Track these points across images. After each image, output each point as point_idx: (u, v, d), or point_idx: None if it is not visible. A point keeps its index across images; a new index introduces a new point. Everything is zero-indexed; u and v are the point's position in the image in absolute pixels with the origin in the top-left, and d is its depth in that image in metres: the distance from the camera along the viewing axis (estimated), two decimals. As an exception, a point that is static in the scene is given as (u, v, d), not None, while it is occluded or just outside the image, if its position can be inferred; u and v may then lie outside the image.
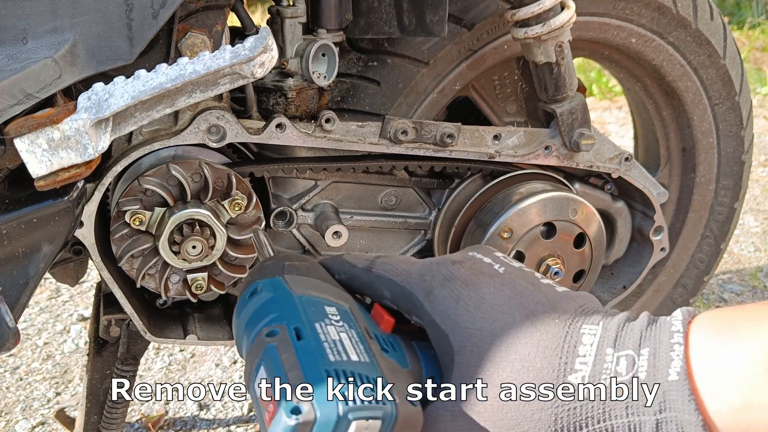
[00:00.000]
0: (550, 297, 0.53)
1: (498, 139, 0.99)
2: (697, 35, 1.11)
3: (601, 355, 0.48)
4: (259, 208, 0.91)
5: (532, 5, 0.90)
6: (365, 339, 0.52)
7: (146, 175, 0.85)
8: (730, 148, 1.21)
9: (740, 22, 4.39)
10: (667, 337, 0.47)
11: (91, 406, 1.04)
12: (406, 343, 0.56)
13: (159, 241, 0.86)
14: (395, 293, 0.56)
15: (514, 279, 0.55)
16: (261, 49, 0.72)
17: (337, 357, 0.48)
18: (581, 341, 0.49)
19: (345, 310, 0.55)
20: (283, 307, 0.52)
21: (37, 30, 0.70)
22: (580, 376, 0.48)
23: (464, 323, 0.52)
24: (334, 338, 0.50)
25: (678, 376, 0.45)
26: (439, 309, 0.53)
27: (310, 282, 0.57)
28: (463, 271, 0.55)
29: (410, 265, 0.58)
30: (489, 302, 0.52)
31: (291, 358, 0.47)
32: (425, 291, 0.55)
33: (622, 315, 0.51)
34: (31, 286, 0.77)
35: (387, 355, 0.52)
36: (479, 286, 0.54)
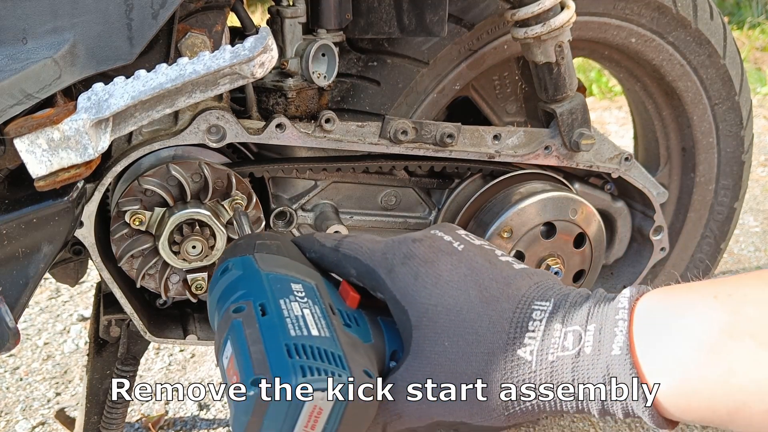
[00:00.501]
0: (505, 274, 0.55)
1: (498, 139, 0.99)
2: (697, 35, 1.11)
3: (550, 330, 0.50)
4: (259, 208, 0.91)
5: (531, 5, 0.90)
6: (328, 315, 0.55)
7: (146, 175, 0.85)
8: (730, 147, 1.21)
9: (740, 21, 4.39)
10: (612, 314, 0.49)
11: (91, 406, 1.04)
12: (371, 318, 0.58)
13: (159, 241, 0.86)
14: (360, 271, 0.59)
15: (471, 256, 0.57)
16: (261, 49, 0.72)
17: (298, 332, 0.51)
18: (531, 317, 0.51)
19: (311, 286, 0.57)
20: (251, 285, 0.56)
21: (36, 30, 0.70)
22: (528, 350, 0.50)
23: (422, 299, 0.54)
24: (297, 314, 0.53)
25: (620, 350, 0.47)
26: (399, 286, 0.55)
27: (279, 260, 0.60)
28: (422, 249, 0.57)
29: (374, 243, 0.60)
30: (445, 279, 0.55)
31: (254, 333, 0.50)
32: (387, 268, 0.57)
33: (574, 292, 0.53)
34: (31, 287, 0.77)
35: (349, 330, 0.55)
36: (437, 264, 0.56)
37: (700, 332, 0.45)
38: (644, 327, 0.48)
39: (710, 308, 0.46)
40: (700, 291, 0.48)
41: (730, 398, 0.44)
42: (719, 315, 0.45)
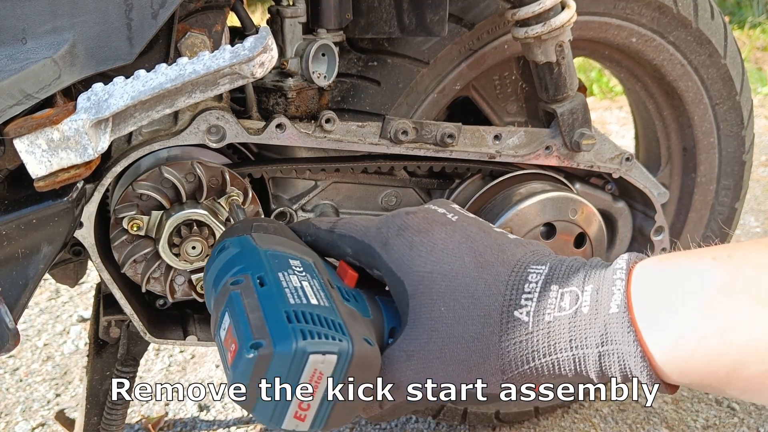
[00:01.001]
0: (500, 242, 0.55)
1: (498, 139, 0.99)
2: (697, 35, 1.11)
3: (546, 291, 0.50)
4: (257, 202, 0.91)
5: (532, 5, 0.90)
6: (327, 288, 0.54)
7: (140, 179, 0.85)
8: (731, 147, 1.21)
9: (741, 21, 4.39)
10: (610, 274, 0.49)
11: (90, 407, 1.04)
12: (370, 297, 0.58)
13: (159, 244, 0.86)
14: (355, 249, 0.59)
15: (465, 226, 0.57)
16: (261, 49, 0.72)
17: (297, 300, 0.50)
18: (527, 279, 0.51)
19: (309, 263, 0.57)
20: (249, 260, 0.55)
21: (36, 30, 0.70)
22: (525, 311, 0.50)
23: (417, 268, 0.54)
24: (295, 285, 0.52)
25: (618, 308, 0.47)
26: (394, 257, 0.55)
27: (277, 239, 0.59)
28: (416, 220, 0.57)
29: (369, 221, 0.60)
30: (440, 247, 0.55)
31: (253, 302, 0.50)
32: (382, 242, 0.57)
33: (571, 258, 0.53)
34: (31, 287, 0.77)
35: (348, 304, 0.55)
36: (431, 233, 0.56)
37: (698, 291, 0.45)
38: (642, 287, 0.48)
39: (708, 268, 0.45)
40: (699, 253, 0.47)
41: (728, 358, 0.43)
42: (717, 274, 0.45)
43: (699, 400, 1.41)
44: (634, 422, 1.35)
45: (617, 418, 1.36)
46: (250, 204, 0.90)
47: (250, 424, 1.37)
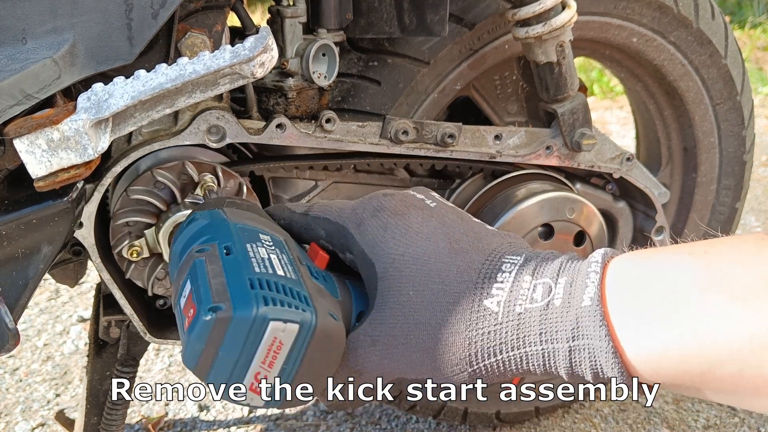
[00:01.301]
0: (476, 230, 0.54)
1: (499, 139, 0.99)
2: (698, 35, 1.11)
3: (519, 282, 0.48)
4: (253, 194, 0.90)
5: (533, 5, 0.90)
6: (295, 264, 0.52)
7: (133, 185, 0.85)
8: (732, 147, 1.21)
9: (741, 21, 4.39)
10: (585, 267, 0.48)
11: (90, 407, 1.04)
12: (339, 280, 0.56)
13: (165, 257, 0.87)
14: (329, 230, 0.57)
15: (443, 212, 0.55)
16: (261, 49, 0.72)
17: (263, 269, 0.48)
18: (501, 269, 0.49)
19: (279, 240, 0.55)
20: (217, 231, 0.53)
21: (36, 30, 0.70)
22: (495, 301, 0.48)
23: (389, 250, 0.52)
24: (263, 256, 0.50)
25: (591, 302, 0.45)
26: (367, 238, 0.54)
27: (249, 215, 0.57)
28: (393, 202, 0.56)
29: (345, 203, 0.59)
30: (415, 230, 0.53)
31: (217, 269, 0.48)
32: (356, 222, 0.55)
33: (548, 251, 0.52)
34: (31, 287, 0.77)
35: (317, 282, 0.53)
36: (407, 216, 0.54)
37: (673, 286, 0.43)
38: (617, 281, 0.46)
39: (685, 263, 0.44)
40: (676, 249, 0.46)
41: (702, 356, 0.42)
42: (693, 270, 0.43)
43: (700, 400, 1.41)
44: (635, 422, 1.35)
45: (618, 418, 1.36)
46: (247, 198, 0.89)
47: (251, 425, 1.37)
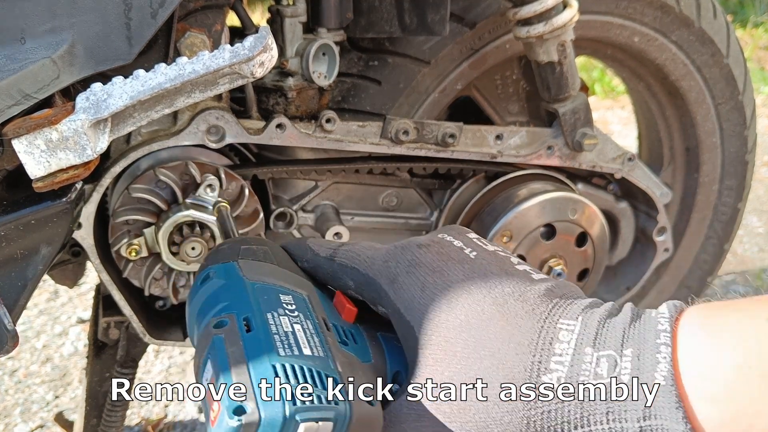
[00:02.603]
0: (524, 287, 0.48)
1: (500, 139, 0.98)
2: (700, 34, 1.11)
3: (580, 354, 0.44)
4: (254, 197, 0.90)
5: (534, 4, 0.90)
6: (321, 331, 0.48)
7: (135, 183, 0.85)
8: (734, 147, 1.21)
9: (743, 20, 4.38)
10: (652, 337, 0.43)
11: (90, 409, 1.04)
12: (370, 334, 0.52)
13: (163, 257, 0.87)
14: (359, 282, 0.53)
15: (485, 265, 0.50)
16: (261, 49, 0.72)
17: (288, 351, 0.44)
18: (558, 338, 0.45)
19: (302, 298, 0.51)
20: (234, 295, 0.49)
21: (35, 30, 0.70)
22: (555, 377, 0.44)
23: (430, 314, 0.48)
24: (286, 330, 0.46)
25: (665, 380, 0.41)
26: (403, 297, 0.49)
27: (266, 267, 0.54)
28: (429, 256, 0.51)
29: (374, 251, 0.54)
30: (457, 292, 0.48)
31: (237, 352, 0.44)
32: (389, 278, 0.51)
33: (603, 309, 0.47)
34: (30, 288, 0.77)
35: (346, 349, 0.49)
36: (447, 273, 0.49)
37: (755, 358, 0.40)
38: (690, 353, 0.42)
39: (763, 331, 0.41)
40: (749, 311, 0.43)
41: None
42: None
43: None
44: None
45: None
46: (248, 200, 0.89)
47: (251, 426, 1.37)
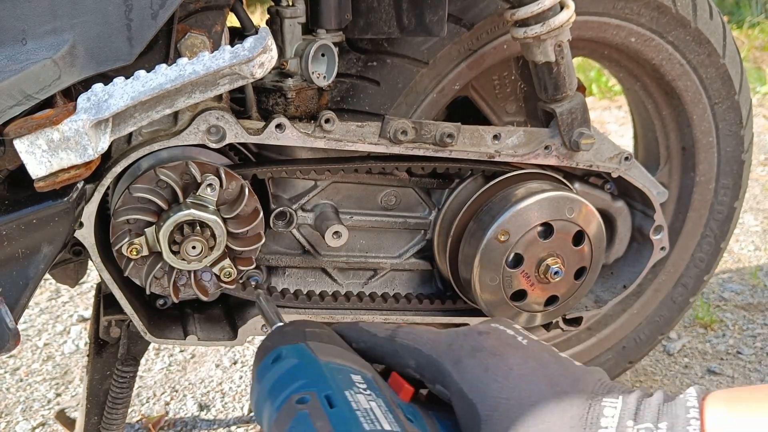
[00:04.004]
0: (571, 370, 0.56)
1: (498, 139, 0.99)
2: (696, 34, 1.11)
3: (622, 427, 0.50)
4: (254, 196, 0.91)
5: (531, 5, 0.90)
6: (393, 408, 0.52)
7: (136, 183, 0.86)
8: (730, 147, 1.21)
9: (740, 21, 4.39)
10: (683, 412, 0.49)
11: (91, 407, 1.04)
12: (424, 413, 0.56)
13: (164, 256, 0.87)
14: (421, 362, 0.58)
15: (538, 351, 0.57)
16: (260, 50, 0.72)
17: (371, 426, 0.48)
18: (603, 413, 0.51)
19: (370, 378, 0.55)
20: (311, 374, 0.52)
21: (36, 31, 0.70)
22: None
23: (492, 393, 0.53)
24: (365, 407, 0.50)
25: None
26: (467, 378, 0.55)
27: (333, 349, 0.57)
28: (490, 342, 0.57)
29: (436, 335, 0.59)
30: (516, 373, 0.54)
31: (325, 426, 0.47)
32: (453, 360, 0.56)
33: (638, 391, 0.53)
34: (31, 287, 0.77)
35: (413, 425, 0.53)
36: (506, 357, 0.56)
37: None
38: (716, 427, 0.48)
39: None
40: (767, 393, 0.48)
41: None
42: None
43: None
44: None
45: None
46: (249, 201, 0.90)
47: (250, 424, 1.37)
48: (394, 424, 0.50)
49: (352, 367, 0.55)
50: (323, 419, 0.48)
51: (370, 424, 0.48)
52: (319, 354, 0.55)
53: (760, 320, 1.72)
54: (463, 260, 1.03)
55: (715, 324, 1.70)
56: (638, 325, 1.33)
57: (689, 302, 1.33)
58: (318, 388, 0.50)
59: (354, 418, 0.48)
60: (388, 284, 1.10)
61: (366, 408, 0.50)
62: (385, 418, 0.50)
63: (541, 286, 1.03)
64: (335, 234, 0.97)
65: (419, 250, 1.09)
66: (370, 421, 0.48)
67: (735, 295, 1.84)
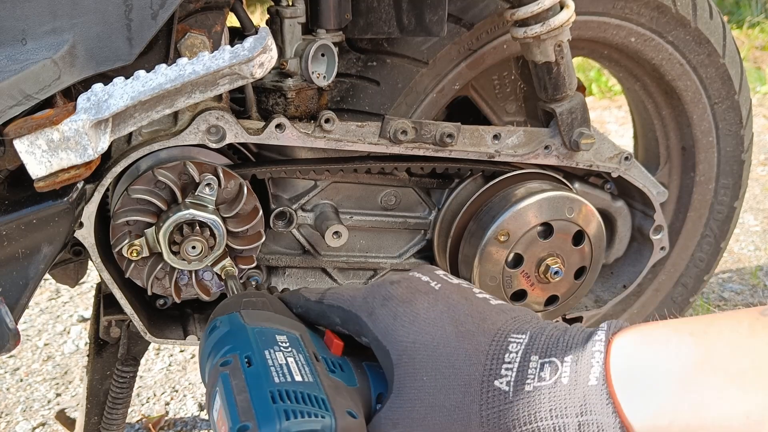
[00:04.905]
0: (481, 309, 0.57)
1: (498, 139, 0.99)
2: (696, 34, 1.11)
3: (526, 361, 0.52)
4: (253, 194, 0.91)
5: (531, 5, 0.90)
6: (312, 362, 0.57)
7: (134, 184, 0.86)
8: (730, 147, 1.21)
9: (739, 20, 4.39)
10: (590, 346, 0.51)
11: (91, 407, 1.04)
12: (356, 364, 0.61)
13: (164, 256, 0.87)
14: (343, 318, 0.62)
15: (448, 294, 0.59)
16: (260, 50, 0.72)
17: (282, 379, 0.53)
18: (507, 349, 0.53)
19: (295, 337, 0.60)
20: (237, 339, 0.58)
21: (36, 31, 0.70)
22: (505, 381, 0.52)
23: (401, 338, 0.56)
24: (281, 362, 0.55)
25: (597, 381, 0.49)
26: (379, 327, 0.58)
27: (264, 314, 0.62)
28: (400, 290, 0.60)
29: (355, 291, 0.63)
30: (423, 317, 0.57)
31: (240, 384, 0.53)
32: (368, 312, 0.60)
33: (552, 325, 0.55)
34: (31, 287, 0.77)
35: (334, 375, 0.57)
36: (414, 303, 0.58)
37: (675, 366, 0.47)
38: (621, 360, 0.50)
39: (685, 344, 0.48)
40: (676, 327, 0.50)
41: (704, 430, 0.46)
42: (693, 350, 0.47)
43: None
44: None
45: None
46: (248, 199, 0.90)
47: (250, 424, 1.37)
48: (307, 376, 0.54)
49: (278, 329, 0.60)
50: (239, 378, 0.53)
51: (281, 377, 0.53)
52: (248, 320, 0.60)
53: (760, 320, 1.72)
54: (463, 260, 1.03)
55: (715, 324, 1.69)
56: (638, 325, 1.33)
57: (689, 302, 1.33)
58: (240, 351, 0.56)
59: (266, 374, 0.53)
60: (388, 284, 1.10)
61: (281, 363, 0.55)
62: (299, 371, 0.54)
63: (541, 286, 1.03)
64: (335, 234, 0.97)
65: (419, 250, 1.09)
66: (282, 375, 0.53)
67: (735, 295, 1.84)
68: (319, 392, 0.53)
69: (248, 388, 0.52)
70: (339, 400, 0.53)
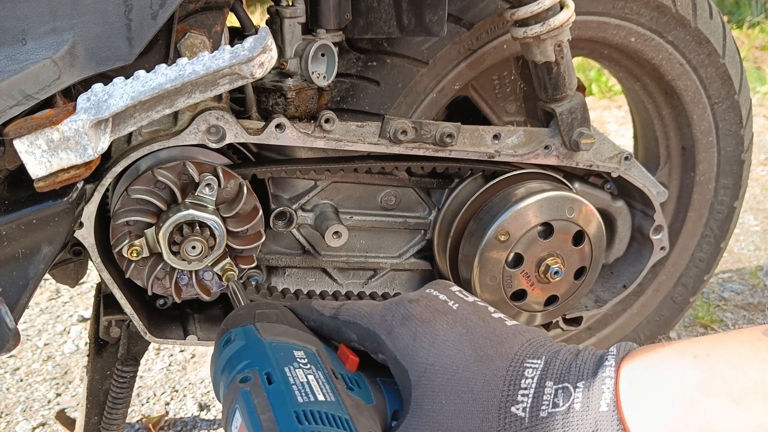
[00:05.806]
0: (498, 332, 0.58)
1: (497, 139, 0.99)
2: (696, 34, 1.11)
3: (541, 387, 0.53)
4: (252, 194, 0.91)
5: (531, 5, 0.90)
6: (331, 379, 0.57)
7: (134, 185, 0.86)
8: (730, 146, 1.21)
9: (739, 20, 4.39)
10: (600, 372, 0.53)
11: (91, 407, 1.04)
12: (371, 380, 0.61)
13: (164, 257, 0.87)
14: (360, 335, 0.62)
15: (466, 315, 0.60)
16: (260, 50, 0.72)
17: (305, 398, 0.52)
18: (524, 374, 0.55)
19: (312, 353, 0.60)
20: (255, 354, 0.57)
21: (36, 31, 0.70)
22: (521, 407, 0.53)
23: (420, 359, 0.57)
24: (302, 380, 0.54)
25: (608, 407, 0.50)
26: (398, 346, 0.59)
27: (280, 328, 0.62)
28: (419, 309, 0.60)
29: (372, 307, 0.63)
30: (442, 338, 0.58)
31: (263, 402, 0.52)
32: (387, 330, 0.60)
33: (565, 349, 0.57)
34: (31, 287, 0.77)
35: (352, 393, 0.57)
36: (434, 324, 0.59)
37: (680, 390, 0.49)
38: (629, 384, 0.51)
39: (690, 367, 0.49)
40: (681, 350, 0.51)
41: None
42: (697, 374, 0.49)
43: None
44: None
45: None
46: (248, 199, 0.90)
47: (250, 424, 1.37)
48: (329, 395, 0.54)
49: (295, 344, 0.60)
50: (261, 395, 0.52)
51: (304, 396, 0.52)
52: (265, 334, 0.60)
53: (760, 320, 1.72)
54: (463, 260, 1.03)
55: (715, 324, 1.70)
56: (638, 325, 1.33)
57: (689, 302, 1.33)
58: (260, 367, 0.55)
59: (289, 393, 0.52)
60: (388, 284, 1.10)
61: (303, 381, 0.54)
62: (321, 390, 0.54)
63: (541, 285, 1.03)
64: (335, 234, 0.97)
65: (419, 250, 1.09)
66: (304, 393, 0.53)
67: (735, 294, 1.84)
68: (342, 413, 0.53)
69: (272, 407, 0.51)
70: (362, 420, 0.53)
